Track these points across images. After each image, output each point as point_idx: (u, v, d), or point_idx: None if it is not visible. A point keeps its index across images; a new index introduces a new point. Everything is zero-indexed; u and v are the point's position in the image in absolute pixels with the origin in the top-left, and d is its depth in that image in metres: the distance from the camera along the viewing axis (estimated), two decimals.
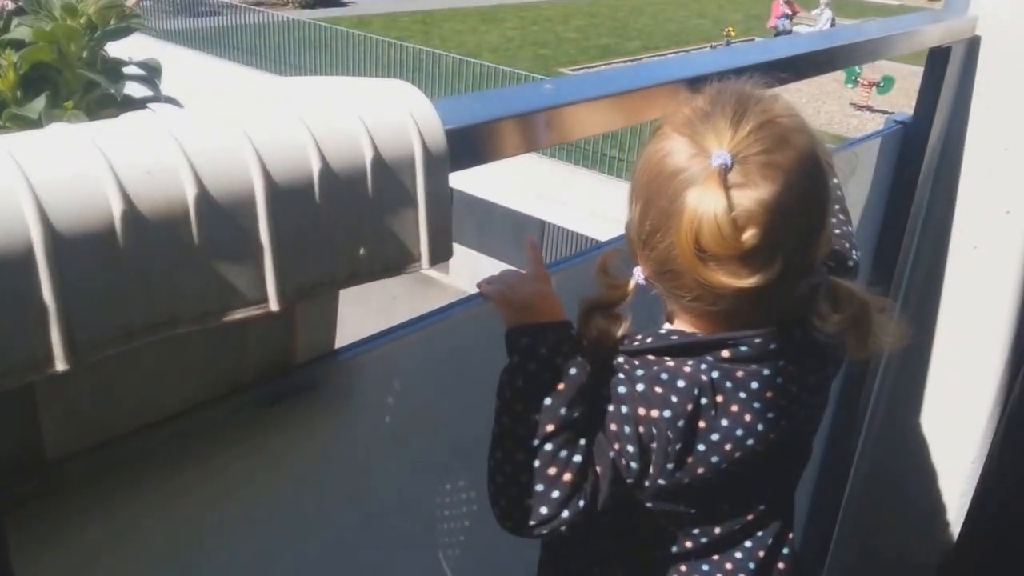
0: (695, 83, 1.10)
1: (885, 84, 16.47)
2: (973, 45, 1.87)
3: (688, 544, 1.11)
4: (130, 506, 0.92)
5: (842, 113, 16.77)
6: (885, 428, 2.27)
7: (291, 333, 1.00)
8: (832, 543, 2.43)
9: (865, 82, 17.00)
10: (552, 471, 1.01)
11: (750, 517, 1.11)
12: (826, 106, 17.14)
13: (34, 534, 0.84)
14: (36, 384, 0.82)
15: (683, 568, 1.12)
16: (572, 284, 1.13)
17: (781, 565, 1.17)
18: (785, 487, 1.16)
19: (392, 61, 16.61)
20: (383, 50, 16.99)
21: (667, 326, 1.09)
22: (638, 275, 1.05)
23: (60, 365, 0.69)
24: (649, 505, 1.06)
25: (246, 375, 0.98)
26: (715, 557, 1.12)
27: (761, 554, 1.13)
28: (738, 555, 1.12)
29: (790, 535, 1.18)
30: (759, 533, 1.13)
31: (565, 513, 1.01)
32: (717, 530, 1.10)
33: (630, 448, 1.01)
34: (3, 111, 0.91)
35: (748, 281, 0.94)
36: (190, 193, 0.73)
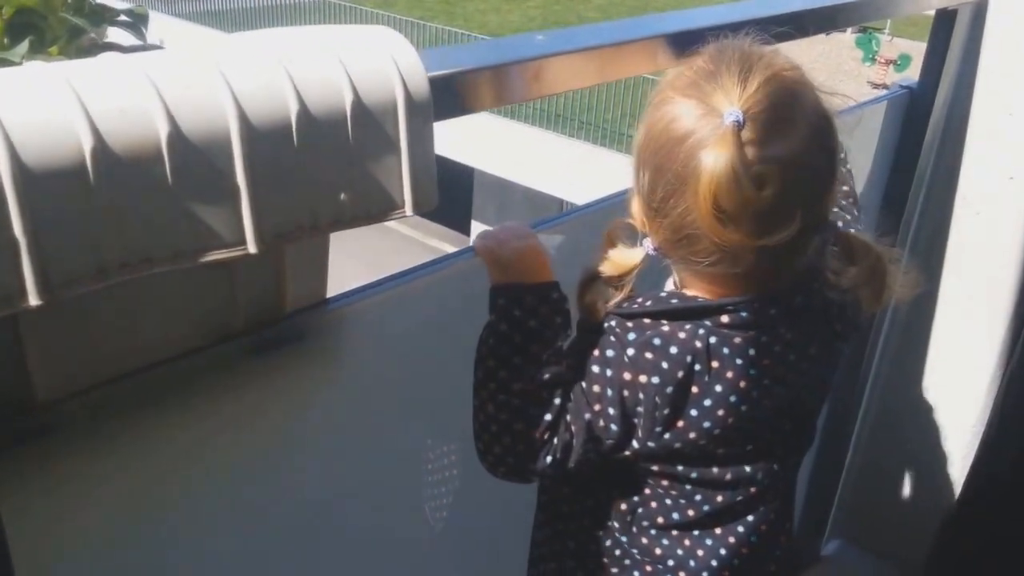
0: (694, 36, 1.08)
1: (902, 62, 16.38)
2: (980, 8, 1.84)
3: (690, 512, 1.10)
4: (118, 450, 0.93)
5: (859, 92, 16.60)
6: (887, 393, 2.26)
7: (281, 281, 1.01)
8: (833, 507, 2.43)
9: (882, 60, 16.91)
10: (519, 426, 1.02)
11: (753, 490, 1.11)
12: (843, 85, 16.95)
13: (22, 475, 0.86)
14: (22, 326, 0.83)
15: (687, 542, 1.12)
16: (558, 243, 1.13)
17: (783, 539, 1.17)
18: (787, 460, 1.15)
19: (415, 41, 16.62)
20: (407, 31, 17.00)
21: (669, 286, 1.09)
22: (647, 246, 1.03)
23: (33, 300, 0.70)
24: (643, 466, 1.07)
25: (236, 323, 0.99)
26: (718, 531, 1.12)
27: (763, 528, 1.13)
28: (740, 529, 1.12)
29: (792, 510, 1.18)
30: (762, 507, 1.13)
31: (531, 466, 1.03)
32: (719, 498, 1.10)
33: (611, 411, 1.02)
34: None
35: (769, 239, 0.93)
36: (163, 131, 0.73)
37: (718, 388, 1.01)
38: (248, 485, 1.06)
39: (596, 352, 1.03)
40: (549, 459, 1.03)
